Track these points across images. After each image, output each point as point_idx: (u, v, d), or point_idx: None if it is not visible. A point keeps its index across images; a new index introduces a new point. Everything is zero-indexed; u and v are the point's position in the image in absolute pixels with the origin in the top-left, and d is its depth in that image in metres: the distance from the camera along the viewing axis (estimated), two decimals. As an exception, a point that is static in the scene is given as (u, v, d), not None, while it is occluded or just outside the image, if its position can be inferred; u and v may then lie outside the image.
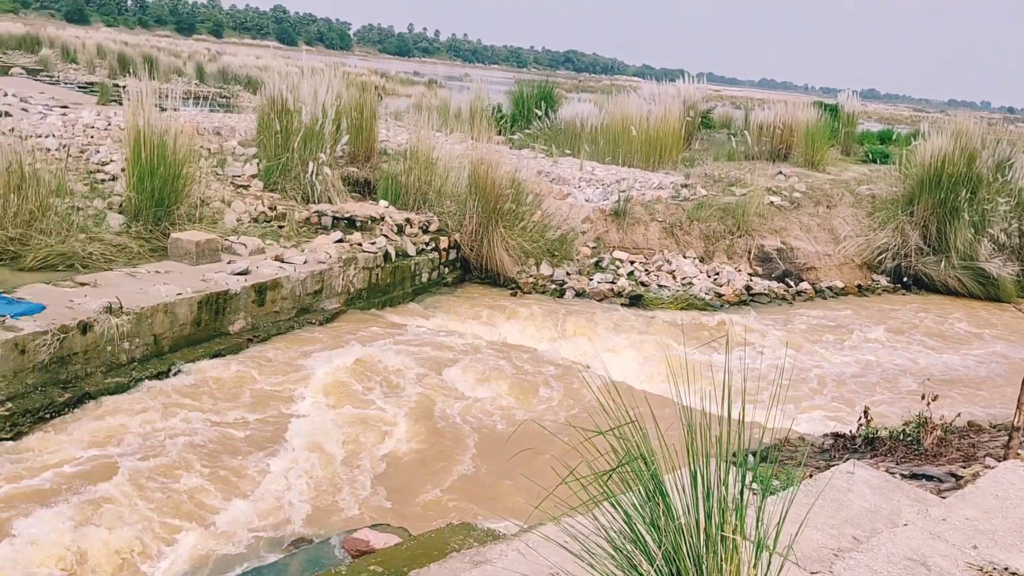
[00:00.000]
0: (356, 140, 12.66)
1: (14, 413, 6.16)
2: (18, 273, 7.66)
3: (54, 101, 17.40)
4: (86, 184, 9.87)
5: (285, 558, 5.07)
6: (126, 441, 6.15)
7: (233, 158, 12.33)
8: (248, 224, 10.24)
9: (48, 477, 5.60)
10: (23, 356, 6.30)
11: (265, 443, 6.41)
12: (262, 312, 8.52)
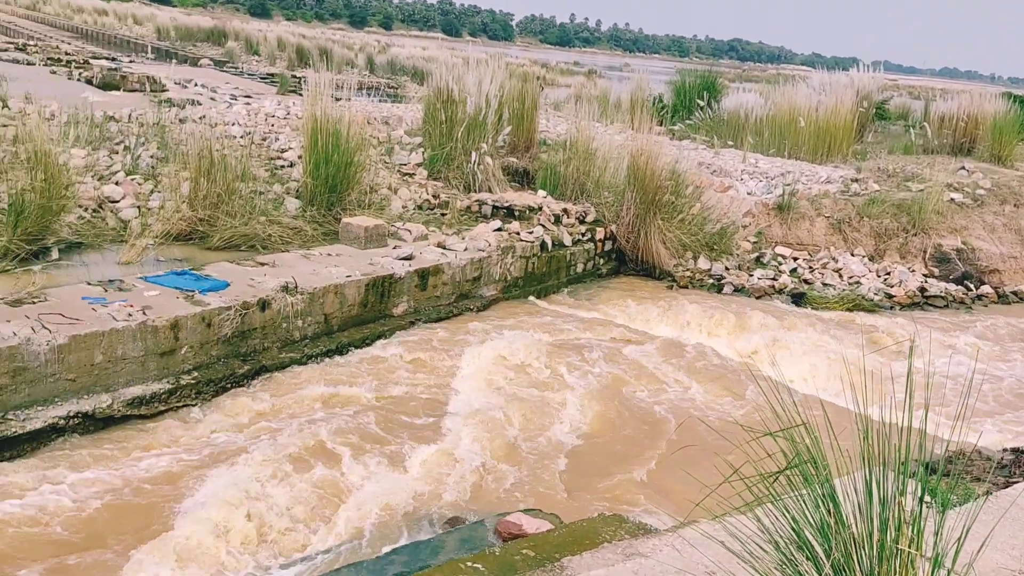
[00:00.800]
0: (517, 130, 12.83)
1: (199, 382, 6.66)
2: (205, 252, 8.27)
3: (238, 91, 18.58)
4: (267, 170, 10.50)
5: (441, 536, 5.24)
6: (295, 413, 6.52)
7: (400, 147, 12.78)
8: (412, 211, 10.60)
9: (224, 444, 6.01)
10: (209, 329, 6.80)
11: (425, 422, 6.64)
12: (424, 296, 8.80)
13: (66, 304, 6.39)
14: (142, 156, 9.85)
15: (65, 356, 5.93)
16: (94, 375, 6.12)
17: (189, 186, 8.53)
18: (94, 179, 9.00)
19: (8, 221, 7.21)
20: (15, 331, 5.77)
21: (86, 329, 6.06)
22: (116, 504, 5.13)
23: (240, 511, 5.08)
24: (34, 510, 4.96)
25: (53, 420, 5.81)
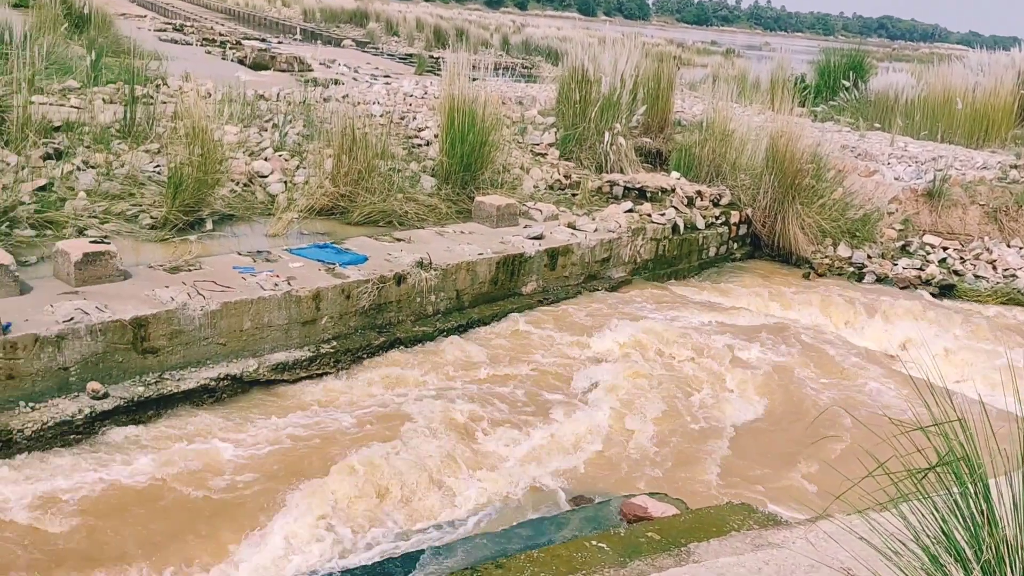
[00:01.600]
0: (651, 110, 12.65)
1: (338, 351, 6.94)
2: (345, 226, 8.58)
3: (378, 71, 19.10)
4: (404, 148, 10.77)
5: (566, 513, 5.29)
6: (427, 385, 6.69)
7: (533, 127, 12.84)
8: (544, 191, 10.64)
9: (360, 412, 6.24)
10: (348, 301, 7.06)
11: (553, 400, 6.69)
12: (553, 276, 8.85)
13: (218, 272, 6.77)
14: (289, 133, 10.29)
15: (217, 321, 6.29)
16: (242, 340, 6.47)
17: (332, 163, 8.85)
18: (245, 155, 9.46)
19: (168, 193, 7.69)
20: (173, 296, 6.17)
21: (236, 297, 6.41)
22: (260, 463, 5.42)
23: (374, 476, 5.27)
24: (196, 463, 5.31)
25: (205, 381, 6.19)
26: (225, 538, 4.72)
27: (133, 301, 6.03)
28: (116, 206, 7.67)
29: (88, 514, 4.74)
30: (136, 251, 7.09)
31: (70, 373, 5.63)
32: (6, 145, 7.97)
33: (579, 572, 3.93)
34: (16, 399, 5.42)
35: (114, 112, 9.73)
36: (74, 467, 5.14)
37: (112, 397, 5.71)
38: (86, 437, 5.53)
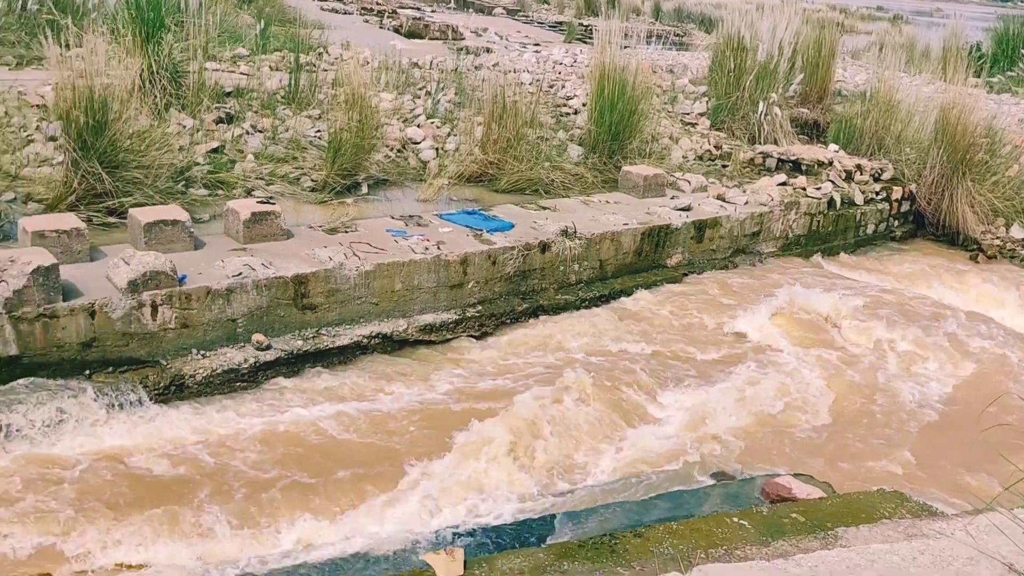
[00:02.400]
0: (810, 80, 12.13)
1: (482, 315, 7.09)
2: (493, 194, 8.70)
3: (528, 39, 19.14)
4: (552, 117, 10.79)
5: (706, 488, 5.24)
6: (568, 353, 6.74)
7: (683, 96, 12.58)
8: (692, 162, 10.43)
9: (502, 376, 6.36)
10: (494, 266, 7.19)
11: (695, 373, 6.61)
12: (699, 249, 8.68)
13: (373, 235, 7.03)
14: (441, 101, 10.50)
15: (371, 282, 6.55)
16: (393, 301, 6.71)
17: (482, 130, 8.98)
18: (399, 121, 9.74)
19: (328, 157, 8.02)
20: (331, 256, 6.46)
21: (389, 259, 6.65)
22: (407, 418, 5.64)
23: (515, 438, 5.38)
24: (349, 414, 5.58)
25: (358, 338, 6.47)
26: (371, 488, 4.94)
27: (295, 259, 6.36)
28: (280, 169, 8.07)
29: (258, 452, 5.07)
30: (297, 212, 7.45)
31: (237, 325, 6.01)
32: (183, 109, 8.52)
33: (720, 547, 3.89)
34: (189, 347, 5.84)
35: (280, 79, 10.21)
36: (241, 411, 5.51)
37: (274, 349, 6.06)
38: (250, 385, 5.91)
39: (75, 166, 6.46)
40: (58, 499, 4.46)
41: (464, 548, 3.98)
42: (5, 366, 5.18)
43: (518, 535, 4.61)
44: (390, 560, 4.42)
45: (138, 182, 6.74)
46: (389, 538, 4.58)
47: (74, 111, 6.35)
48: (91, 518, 4.37)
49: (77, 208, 6.46)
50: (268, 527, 4.53)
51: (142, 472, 4.78)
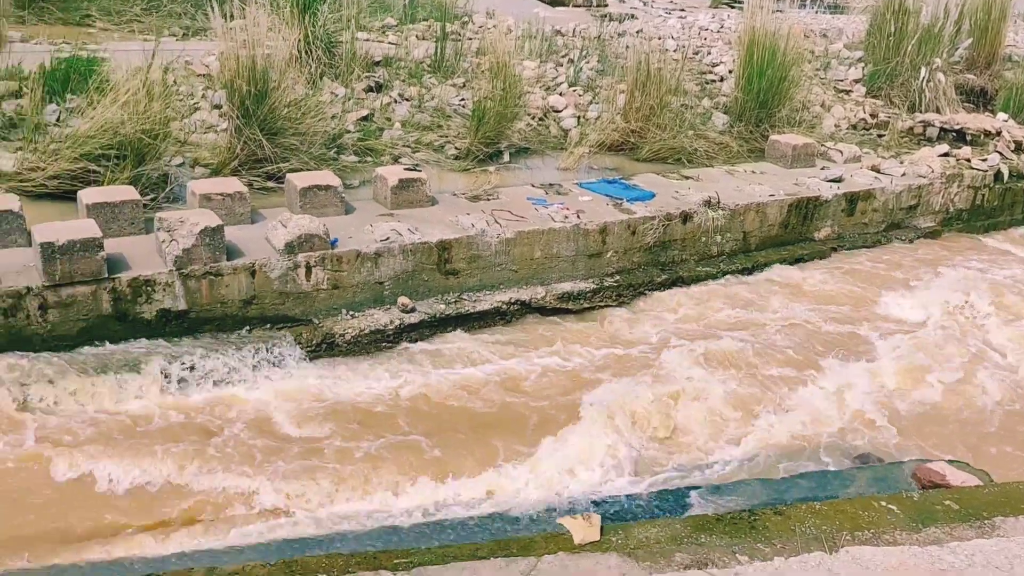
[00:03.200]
0: (977, 44, 11.34)
1: (620, 285, 7.06)
2: (634, 163, 8.61)
3: (673, 5, 18.68)
4: (697, 84, 10.53)
5: (851, 470, 5.08)
6: (708, 325, 6.63)
7: (837, 61, 12.00)
8: (845, 131, 9.97)
9: (639, 345, 6.33)
10: (633, 236, 7.13)
11: (845, 352, 6.36)
12: (850, 222, 8.32)
13: (513, 202, 7.11)
14: (583, 69, 10.43)
15: (511, 249, 6.63)
16: (532, 268, 6.78)
17: (624, 98, 8.88)
18: (541, 90, 9.75)
19: (471, 126, 8.14)
20: (473, 223, 6.58)
21: (529, 227, 6.71)
22: (547, 384, 5.72)
23: (652, 408, 5.37)
24: (490, 377, 5.72)
25: (497, 304, 6.57)
26: (506, 450, 5.04)
27: (439, 226, 6.52)
28: (425, 137, 8.26)
29: (403, 411, 5.27)
30: (441, 179, 7.62)
31: (384, 287, 6.23)
32: (336, 78, 8.82)
33: (865, 530, 3.77)
34: (339, 307, 6.10)
35: (426, 48, 10.40)
36: (387, 370, 5.71)
37: (418, 312, 6.25)
38: (394, 346, 6.12)
39: (238, 133, 6.82)
40: (228, 444, 4.78)
41: (600, 515, 4.02)
42: (175, 319, 5.57)
43: (655, 505, 4.61)
44: (525, 522, 4.51)
45: (294, 148, 7.05)
46: (524, 500, 4.67)
47: (237, 80, 6.70)
48: (259, 463, 4.66)
49: (239, 173, 6.83)
50: (411, 484, 4.70)
51: (297, 423, 5.05)
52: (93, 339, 5.35)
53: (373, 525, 4.43)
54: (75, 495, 4.33)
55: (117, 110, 6.24)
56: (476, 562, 3.62)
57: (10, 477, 4.37)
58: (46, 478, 4.38)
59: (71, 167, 6.21)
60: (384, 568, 3.60)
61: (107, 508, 4.27)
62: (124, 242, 5.71)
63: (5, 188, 6.21)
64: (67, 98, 7.37)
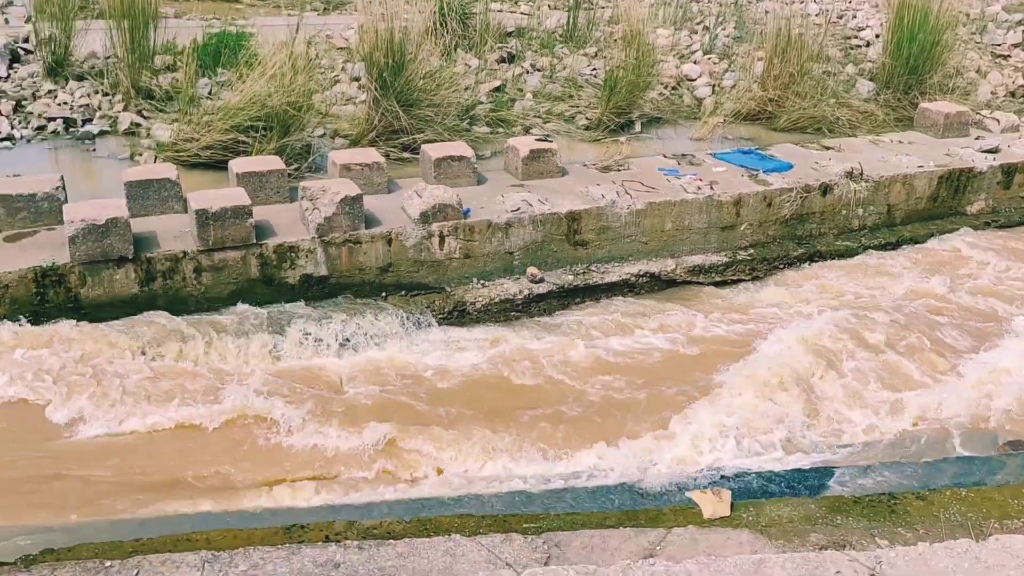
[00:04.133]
0: None
1: (754, 259, 6.88)
2: (770, 132, 8.34)
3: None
4: (840, 50, 10.07)
5: (1000, 456, 4.81)
6: (846, 302, 6.36)
7: (995, 24, 11.20)
8: (1003, 98, 9.34)
9: (773, 320, 6.15)
10: (769, 209, 6.93)
11: (1002, 334, 6.02)
12: (1006, 196, 7.81)
13: (644, 173, 7.02)
14: (719, 36, 10.15)
15: (641, 220, 6.57)
16: (662, 240, 6.69)
17: (762, 66, 8.59)
18: (675, 58, 9.56)
19: (603, 95, 8.07)
20: (603, 194, 6.54)
21: (660, 198, 6.62)
22: (679, 357, 5.66)
23: (785, 386, 5.23)
24: (619, 349, 5.72)
25: (626, 276, 6.53)
26: (635, 423, 5.03)
27: (569, 196, 6.52)
28: (556, 107, 8.25)
29: (530, 379, 5.34)
30: (571, 149, 7.60)
31: (514, 257, 6.30)
32: (470, 49, 8.92)
33: (1015, 519, 3.58)
34: (470, 276, 6.21)
35: (558, 18, 10.36)
36: (518, 338, 5.78)
37: (547, 282, 6.29)
38: (523, 315, 6.19)
39: (375, 104, 7.01)
40: (367, 405, 4.97)
41: (731, 491, 3.98)
42: (316, 284, 5.82)
43: (787, 484, 4.50)
44: (653, 494, 4.50)
45: (429, 120, 7.18)
46: (652, 473, 4.65)
47: (375, 52, 6.87)
48: (393, 424, 4.83)
49: (376, 143, 7.02)
50: (541, 450, 4.77)
51: (433, 387, 5.20)
52: (242, 301, 5.65)
53: (502, 489, 4.51)
54: (227, 448, 4.61)
55: (264, 83, 6.52)
56: (605, 530, 3.65)
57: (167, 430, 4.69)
58: (201, 431, 4.68)
59: (222, 138, 6.54)
60: (514, 531, 3.69)
61: (257, 459, 4.53)
62: (270, 210, 5.99)
63: (163, 158, 6.61)
64: (218, 72, 7.75)
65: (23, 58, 8.48)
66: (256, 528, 3.90)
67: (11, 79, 7.98)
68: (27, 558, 3.61)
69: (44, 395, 4.74)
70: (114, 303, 5.36)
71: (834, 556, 3.19)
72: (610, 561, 3.28)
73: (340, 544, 3.53)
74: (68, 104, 7.48)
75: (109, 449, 4.51)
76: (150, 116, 7.36)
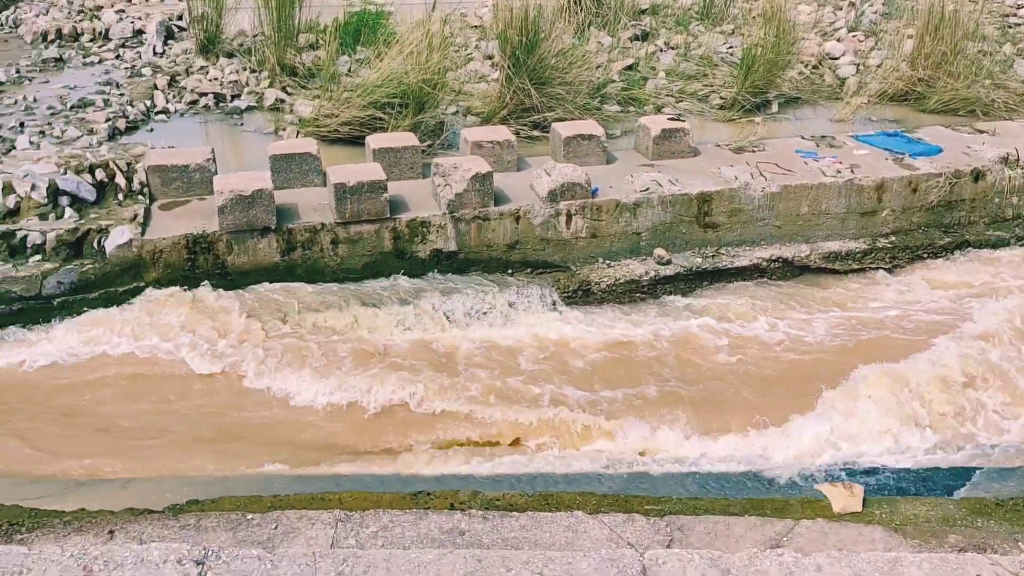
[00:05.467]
0: None
1: (895, 247, 6.57)
2: (918, 114, 7.91)
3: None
4: (998, 28, 9.44)
5: None
6: (999, 296, 6.01)
7: None
8: None
9: (916, 315, 5.86)
10: (914, 195, 6.59)
11: None
12: None
13: (780, 155, 6.80)
14: (866, 12, 9.69)
15: (775, 204, 6.38)
16: (797, 225, 6.48)
17: (912, 44, 8.15)
18: (817, 35, 9.19)
19: (739, 74, 7.85)
20: (736, 175, 6.38)
21: (797, 180, 6.41)
22: (807, 347, 5.50)
23: (924, 381, 5.00)
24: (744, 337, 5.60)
25: (757, 260, 6.36)
26: (762, 412, 4.91)
27: (700, 177, 6.40)
28: (690, 86, 8.08)
29: (656, 362, 5.30)
30: (704, 129, 7.44)
31: (641, 238, 6.24)
32: (603, 27, 8.84)
33: None
34: (596, 256, 6.20)
35: (694, -5, 10.13)
36: (644, 320, 5.74)
37: (674, 264, 6.20)
38: (648, 297, 6.12)
39: (508, 82, 7.06)
40: (494, 378, 5.06)
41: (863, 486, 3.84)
42: (446, 259, 5.93)
43: (923, 482, 4.31)
44: (779, 484, 4.40)
45: (560, 98, 7.18)
46: (779, 463, 4.55)
47: (509, 30, 6.90)
48: (515, 400, 4.90)
49: (507, 121, 7.08)
50: (663, 432, 4.73)
51: (565, 362, 5.24)
52: (375, 274, 5.83)
53: (621, 469, 4.51)
54: (363, 415, 4.79)
55: (401, 61, 6.67)
56: (729, 518, 3.60)
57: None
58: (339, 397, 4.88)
59: (360, 114, 6.74)
60: (636, 512, 3.68)
61: (387, 428, 4.69)
62: (404, 185, 6.14)
63: (304, 132, 6.87)
64: (357, 50, 7.97)
65: (177, 35, 8.97)
66: (384, 492, 4.05)
67: (166, 55, 8.46)
68: (175, 507, 3.86)
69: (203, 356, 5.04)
70: (257, 271, 5.63)
71: (975, 559, 3.03)
72: (735, 548, 3.23)
73: (465, 512, 3.62)
74: (218, 80, 7.87)
75: (262, 407, 4.75)
76: (293, 92, 7.66)
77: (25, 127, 6.72)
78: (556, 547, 3.34)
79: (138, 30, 9.11)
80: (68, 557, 2.92)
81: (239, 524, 3.53)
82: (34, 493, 4.06)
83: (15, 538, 3.51)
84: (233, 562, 2.92)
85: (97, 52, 8.66)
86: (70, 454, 4.40)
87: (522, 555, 2.98)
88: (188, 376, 4.92)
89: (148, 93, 7.63)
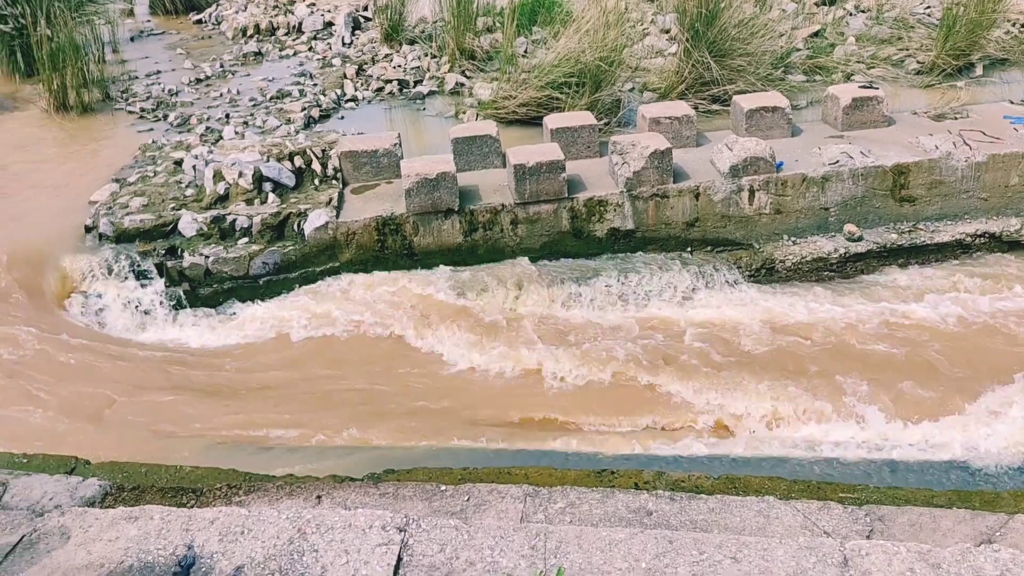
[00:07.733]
0: None
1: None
2: None
3: None
4: None
5: None
6: None
7: None
8: None
9: None
10: None
11: None
12: None
13: (986, 122, 6.30)
14: (1085, -40, 8.75)
15: (981, 175, 5.92)
16: (1006, 197, 5.99)
17: None
18: (1028, -10, 8.41)
19: (939, 36, 7.31)
20: (937, 145, 5.97)
21: (1006, 149, 5.92)
22: (1013, 330, 5.09)
23: None
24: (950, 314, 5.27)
25: (960, 236, 5.94)
26: (962, 397, 4.60)
27: (895, 147, 6.03)
28: (883, 51, 7.61)
29: (860, 337, 5.07)
30: (898, 97, 7.00)
31: (829, 213, 5.96)
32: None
33: None
34: (781, 232, 5.98)
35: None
36: (840, 297, 5.49)
37: (866, 241, 5.89)
38: (837, 275, 5.85)
39: (686, 56, 6.90)
40: (681, 359, 5.01)
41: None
42: (623, 238, 5.91)
43: None
44: (986, 475, 4.11)
45: (741, 70, 6.95)
46: (986, 452, 4.25)
47: (688, 3, 6.74)
48: (706, 380, 4.83)
49: (685, 96, 6.93)
50: (855, 417, 4.53)
51: (748, 345, 5.11)
52: (552, 253, 5.89)
53: (811, 455, 4.35)
54: (547, 391, 4.88)
55: (578, 40, 6.66)
56: (935, 509, 3.40)
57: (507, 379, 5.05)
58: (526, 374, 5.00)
59: (537, 95, 6.80)
60: (831, 499, 3.55)
61: (566, 405, 4.75)
62: (580, 164, 6.15)
63: (484, 115, 7.01)
64: (533, 31, 8.04)
65: (363, 25, 9.37)
66: (569, 469, 4.10)
67: (354, 45, 8.86)
68: (374, 475, 4.08)
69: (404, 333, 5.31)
70: (441, 251, 5.83)
71: None
72: (943, 543, 3.05)
73: (651, 493, 3.61)
74: (401, 67, 8.16)
75: (450, 384, 4.95)
76: (472, 76, 7.83)
77: (230, 118, 7.24)
78: (747, 532, 3.27)
79: (328, 22, 9.59)
80: (284, 519, 3.15)
81: (433, 495, 3.68)
82: (244, 458, 4.40)
83: (234, 500, 3.82)
84: (432, 531, 3.05)
85: (292, 45, 9.20)
86: (276, 423, 4.74)
87: (714, 538, 2.94)
88: (393, 351, 5.18)
89: (338, 82, 8.02)
